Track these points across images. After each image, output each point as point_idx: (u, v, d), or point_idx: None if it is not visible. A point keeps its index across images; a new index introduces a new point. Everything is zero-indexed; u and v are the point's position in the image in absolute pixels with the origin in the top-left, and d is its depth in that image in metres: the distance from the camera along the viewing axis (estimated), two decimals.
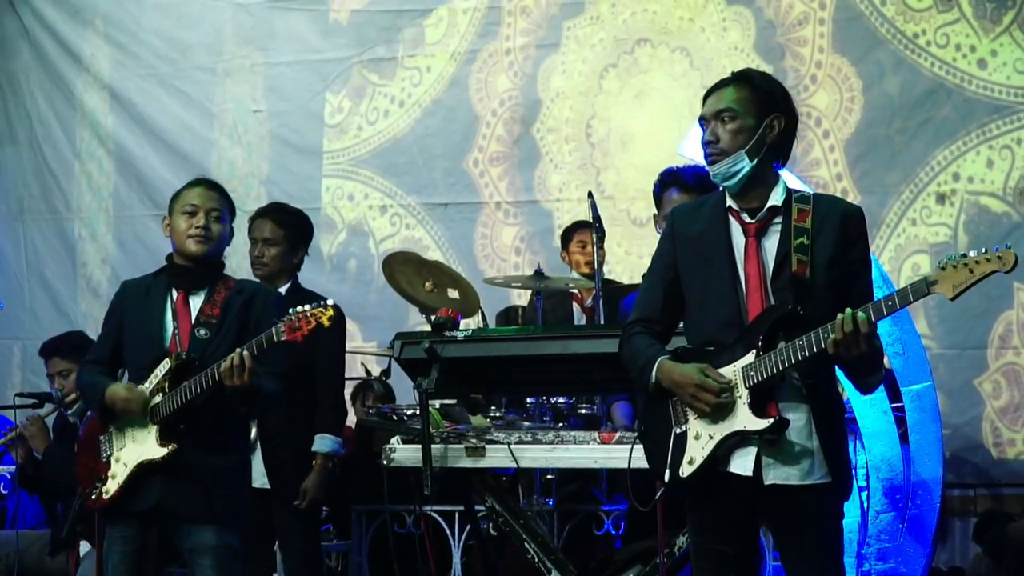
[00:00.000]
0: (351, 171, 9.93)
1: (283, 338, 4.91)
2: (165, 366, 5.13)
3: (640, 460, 5.06)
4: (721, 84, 4.27)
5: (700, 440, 4.13)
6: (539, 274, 7.18)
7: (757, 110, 4.20)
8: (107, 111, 10.55)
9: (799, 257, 4.09)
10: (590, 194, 6.84)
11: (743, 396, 4.07)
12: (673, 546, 5.25)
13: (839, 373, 4.22)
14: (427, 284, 7.25)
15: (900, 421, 6.61)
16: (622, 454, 5.26)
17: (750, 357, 4.06)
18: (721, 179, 4.20)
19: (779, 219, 4.18)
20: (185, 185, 5.47)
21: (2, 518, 8.23)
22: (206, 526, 5.11)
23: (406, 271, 7.30)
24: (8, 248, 10.40)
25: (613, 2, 9.41)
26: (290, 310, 4.96)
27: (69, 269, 10.60)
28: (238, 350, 4.95)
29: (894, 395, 6.59)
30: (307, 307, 4.95)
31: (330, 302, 4.98)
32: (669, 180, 5.51)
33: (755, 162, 4.18)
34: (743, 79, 4.26)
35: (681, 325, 4.40)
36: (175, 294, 5.28)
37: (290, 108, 10.10)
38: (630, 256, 8.91)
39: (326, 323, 4.94)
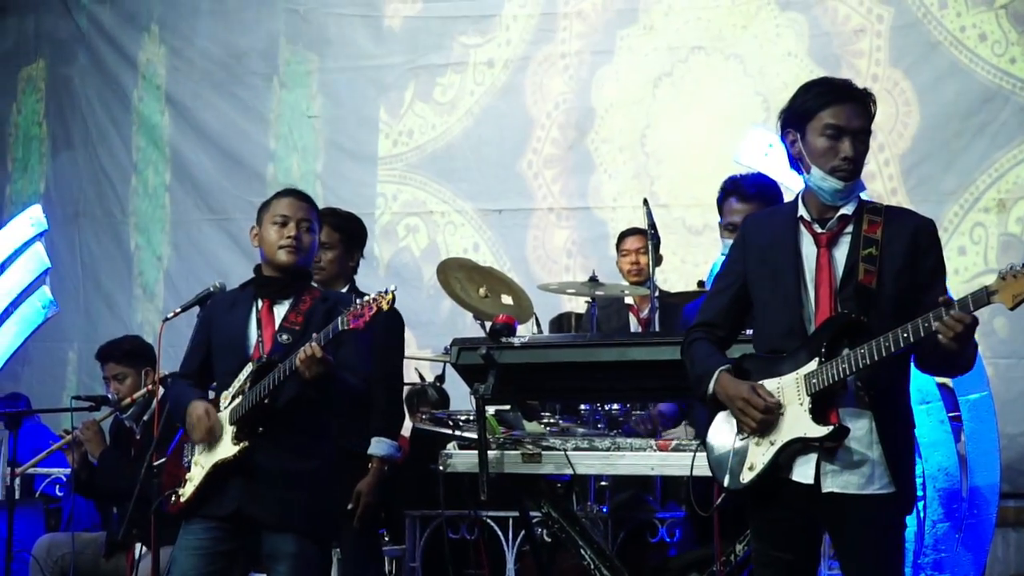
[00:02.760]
0: (405, 177, 9.97)
1: (348, 327, 4.91)
2: (247, 370, 5.17)
3: (696, 467, 5.13)
4: (854, 97, 4.20)
5: (761, 447, 4.15)
6: (594, 281, 7.17)
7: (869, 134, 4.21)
8: (163, 116, 10.66)
9: (866, 267, 4.10)
10: (645, 201, 6.84)
11: (805, 403, 4.08)
12: (729, 554, 5.23)
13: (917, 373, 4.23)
14: (481, 290, 7.25)
15: (957, 431, 6.58)
16: (678, 462, 5.29)
17: (813, 364, 4.08)
18: (843, 195, 4.18)
19: (850, 229, 4.18)
20: (274, 195, 5.45)
21: (57, 520, 8.28)
22: (284, 533, 5.10)
23: (460, 277, 7.31)
24: (64, 252, 10.48)
25: (666, 11, 9.42)
26: (356, 300, 5.00)
27: (124, 273, 10.72)
28: (312, 341, 4.95)
29: (951, 404, 6.57)
30: (370, 295, 4.97)
31: (391, 287, 4.98)
32: (730, 189, 5.48)
33: None
34: (873, 100, 4.23)
35: (749, 332, 4.43)
36: (260, 303, 5.31)
37: (344, 114, 10.17)
38: (685, 264, 8.90)
39: (385, 307, 4.90)
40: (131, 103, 10.77)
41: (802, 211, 4.24)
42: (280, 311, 5.30)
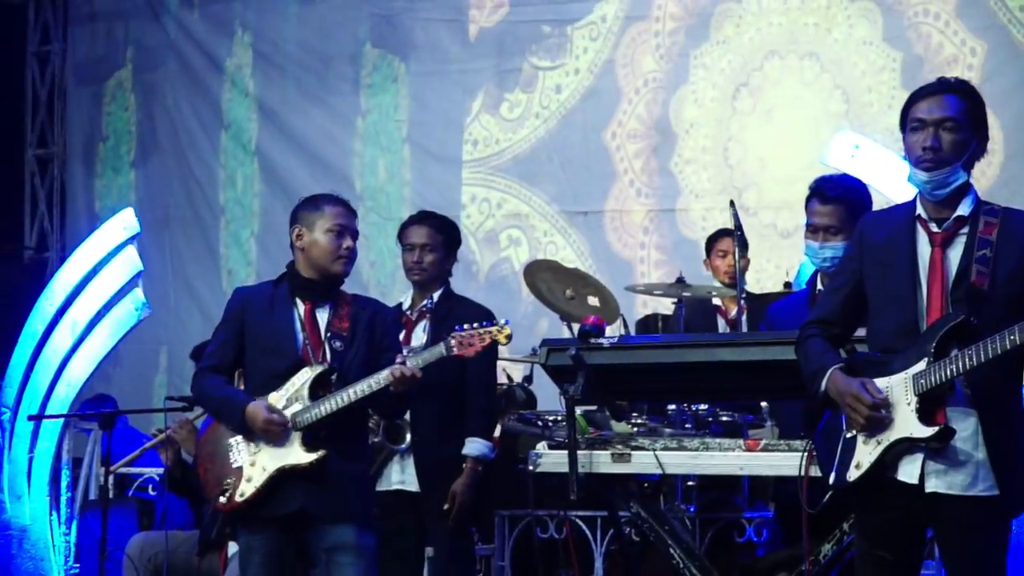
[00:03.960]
0: (490, 179, 10.03)
1: (454, 353, 5.03)
2: (305, 375, 5.26)
3: (785, 467, 5.14)
4: (942, 90, 4.25)
5: (868, 445, 4.17)
6: (681, 282, 7.20)
7: (973, 125, 4.23)
8: (251, 120, 10.77)
9: (979, 268, 4.11)
10: (732, 203, 6.86)
11: (912, 403, 4.09)
12: (818, 554, 5.21)
13: None
14: (567, 292, 7.30)
15: None
16: (768, 461, 5.27)
17: (921, 365, 4.09)
18: (934, 187, 4.20)
19: (965, 230, 4.20)
20: (323, 200, 5.49)
21: (150, 519, 8.39)
22: (346, 526, 5.23)
23: (547, 279, 7.37)
24: (154, 254, 10.49)
25: (737, 23, 9.42)
26: (459, 326, 5.07)
27: (214, 275, 10.85)
28: (407, 361, 5.10)
29: None
30: (479, 324, 5.06)
31: (503, 321, 5.09)
32: (813, 190, 5.41)
33: (967, 176, 4.21)
34: (966, 91, 4.26)
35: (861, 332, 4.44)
36: (301, 305, 5.38)
37: (430, 117, 10.23)
38: (779, 269, 8.79)
39: (503, 341, 5.08)
40: (220, 107, 10.88)
41: (919, 210, 4.26)
42: (322, 315, 5.39)
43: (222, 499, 5.32)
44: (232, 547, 6.85)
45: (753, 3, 9.36)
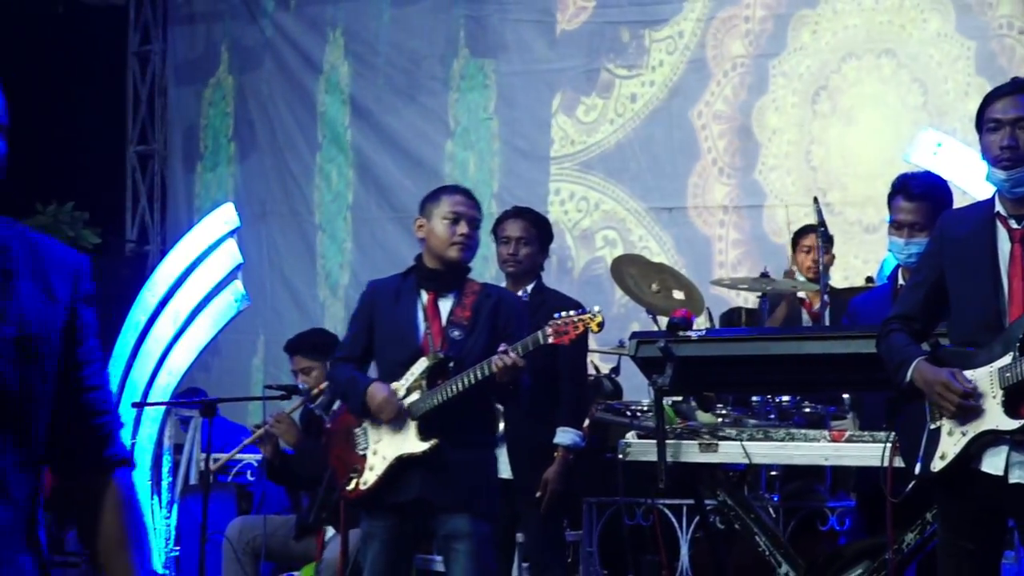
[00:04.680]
0: (578, 176, 10.14)
1: (550, 341, 5.17)
2: (422, 365, 5.36)
3: (868, 458, 5.26)
4: (1017, 89, 4.31)
5: (953, 436, 4.23)
6: (765, 276, 7.29)
7: None
8: (346, 119, 10.92)
9: None
10: (815, 200, 6.94)
11: (998, 396, 4.16)
12: (901, 543, 5.29)
13: None
14: (653, 285, 7.40)
15: None
16: (852, 452, 5.38)
17: (1007, 359, 4.15)
18: (1012, 184, 4.26)
19: None
20: (442, 191, 5.60)
21: (249, 503, 8.59)
22: (461, 514, 5.33)
23: (633, 273, 7.47)
24: (252, 248, 10.61)
25: (814, 28, 9.46)
26: (556, 315, 5.23)
27: (309, 268, 11.01)
28: (509, 350, 5.19)
29: None
30: (573, 312, 5.20)
31: (596, 309, 5.22)
32: (898, 187, 5.46)
33: None
34: None
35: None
36: (425, 296, 5.47)
37: (519, 116, 10.35)
38: (867, 265, 8.77)
39: (595, 329, 5.21)
40: (315, 107, 11.04)
41: (999, 207, 4.32)
42: (445, 304, 5.46)
43: (348, 487, 5.48)
44: (329, 531, 7.02)
45: (828, 8, 9.41)
